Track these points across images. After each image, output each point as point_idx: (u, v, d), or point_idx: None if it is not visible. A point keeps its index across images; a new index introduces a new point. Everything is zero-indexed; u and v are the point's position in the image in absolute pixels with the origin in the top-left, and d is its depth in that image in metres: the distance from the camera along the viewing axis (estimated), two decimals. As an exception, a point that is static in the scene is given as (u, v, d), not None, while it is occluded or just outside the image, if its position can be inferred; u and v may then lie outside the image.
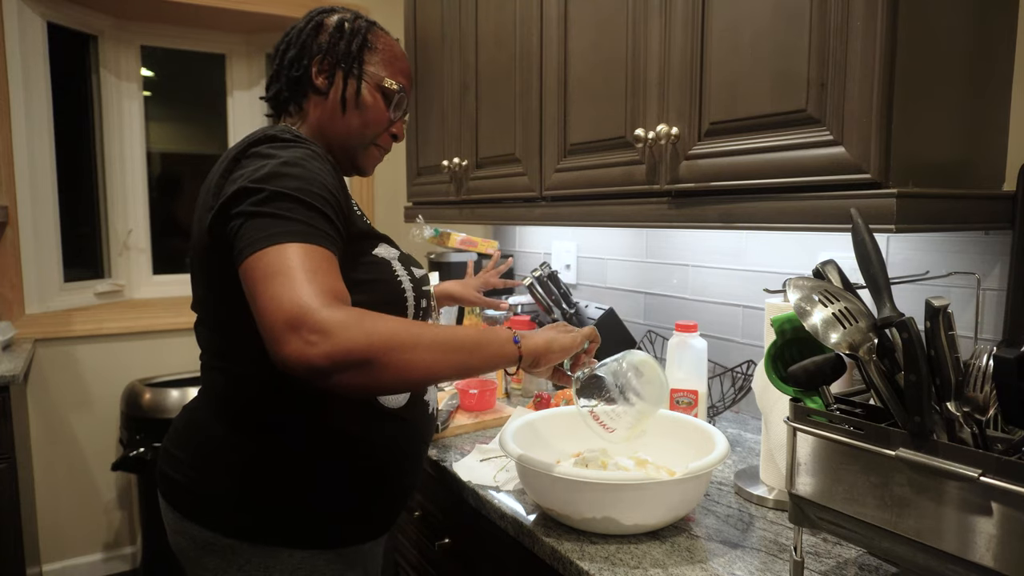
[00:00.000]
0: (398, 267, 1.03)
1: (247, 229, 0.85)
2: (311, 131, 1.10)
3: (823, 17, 0.98)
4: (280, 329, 0.77)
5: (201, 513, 1.00)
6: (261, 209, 0.85)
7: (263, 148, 0.93)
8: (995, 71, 1.10)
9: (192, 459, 1.02)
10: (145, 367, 2.72)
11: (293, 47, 1.09)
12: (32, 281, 2.59)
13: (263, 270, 0.81)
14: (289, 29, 1.12)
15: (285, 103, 1.12)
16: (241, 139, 1.00)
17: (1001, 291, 1.14)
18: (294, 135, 0.97)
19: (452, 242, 2.13)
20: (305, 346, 0.76)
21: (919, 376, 0.70)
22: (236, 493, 0.98)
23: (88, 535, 2.73)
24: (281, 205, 0.85)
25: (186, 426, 1.07)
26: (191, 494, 1.01)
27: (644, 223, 1.33)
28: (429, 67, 2.10)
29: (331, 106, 1.09)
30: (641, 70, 1.29)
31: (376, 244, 1.02)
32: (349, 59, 1.08)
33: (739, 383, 1.48)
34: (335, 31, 1.09)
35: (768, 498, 1.13)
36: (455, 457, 1.35)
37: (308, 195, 0.87)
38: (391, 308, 0.97)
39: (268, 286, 0.79)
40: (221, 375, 1.02)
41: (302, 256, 0.82)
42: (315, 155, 0.94)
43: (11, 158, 2.49)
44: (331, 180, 0.93)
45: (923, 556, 0.72)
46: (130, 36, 2.93)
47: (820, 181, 1.00)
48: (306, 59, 1.08)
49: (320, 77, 1.09)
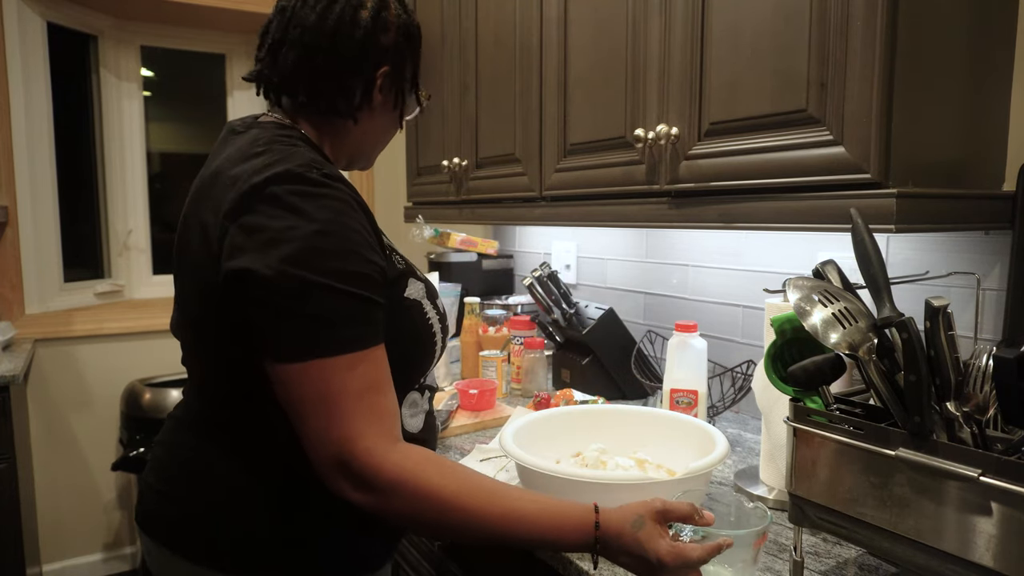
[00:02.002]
0: (428, 307, 0.92)
1: (282, 327, 0.75)
2: (344, 144, 0.97)
3: (823, 17, 0.98)
4: (328, 467, 0.75)
5: (191, 550, 0.88)
6: (298, 308, 0.74)
7: (287, 195, 0.76)
8: (995, 71, 1.10)
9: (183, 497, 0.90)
10: (145, 367, 2.72)
11: (354, 44, 0.89)
12: (32, 281, 2.59)
13: (306, 391, 0.74)
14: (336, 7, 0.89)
15: (328, 115, 0.93)
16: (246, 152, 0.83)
17: (1001, 291, 1.14)
18: (322, 174, 0.79)
19: (452, 242, 2.13)
20: (352, 492, 0.74)
21: (919, 376, 0.70)
22: (231, 529, 0.87)
23: (88, 535, 2.73)
24: (322, 302, 0.74)
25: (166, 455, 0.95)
26: (180, 531, 0.89)
27: (644, 223, 1.33)
28: (429, 67, 2.10)
29: (378, 120, 0.97)
30: (641, 70, 1.29)
31: (407, 284, 0.90)
32: (415, 79, 0.97)
33: (739, 383, 1.48)
34: (400, 37, 0.93)
35: (768, 498, 1.13)
36: (455, 457, 1.35)
37: (351, 280, 0.76)
38: (420, 349, 0.92)
39: (313, 414, 0.74)
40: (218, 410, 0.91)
41: (349, 374, 0.74)
42: (347, 203, 0.79)
43: (11, 158, 2.49)
44: (368, 236, 0.80)
45: (923, 556, 0.72)
46: (130, 36, 2.93)
47: (820, 181, 1.00)
48: (370, 70, 0.91)
49: (381, 94, 0.94)
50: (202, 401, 0.94)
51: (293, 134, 0.89)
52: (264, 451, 0.88)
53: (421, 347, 0.92)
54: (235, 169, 0.81)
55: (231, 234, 0.77)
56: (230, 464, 0.88)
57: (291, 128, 0.90)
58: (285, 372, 0.75)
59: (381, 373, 0.78)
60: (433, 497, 0.74)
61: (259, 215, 0.76)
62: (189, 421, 0.95)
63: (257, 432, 0.88)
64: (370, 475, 0.73)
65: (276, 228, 0.75)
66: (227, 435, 0.89)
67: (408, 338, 0.89)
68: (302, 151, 0.83)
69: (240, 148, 0.85)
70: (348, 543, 0.92)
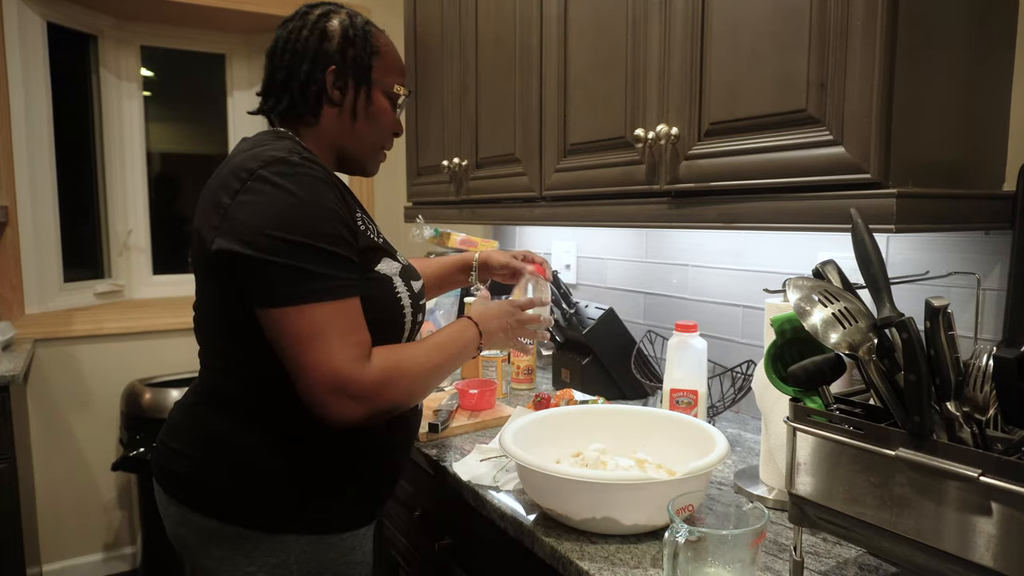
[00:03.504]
0: (399, 284, 1.05)
1: (272, 279, 0.90)
2: (322, 140, 1.10)
3: (823, 17, 0.98)
4: (323, 394, 0.90)
5: (206, 503, 1.02)
6: (286, 262, 0.90)
7: (271, 174, 0.93)
8: (995, 71, 1.10)
9: (196, 452, 1.04)
10: (145, 367, 2.72)
11: (304, 59, 1.07)
12: (32, 281, 2.59)
13: (297, 332, 0.90)
14: (286, 36, 1.09)
15: (300, 115, 1.10)
16: (244, 148, 1.00)
17: (1001, 291, 1.14)
18: (303, 157, 0.96)
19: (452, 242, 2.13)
20: (347, 410, 0.91)
21: (919, 376, 0.70)
22: (243, 483, 1.01)
23: (88, 535, 2.73)
24: (306, 256, 0.91)
25: (186, 420, 1.08)
26: (195, 485, 1.03)
27: (644, 223, 1.33)
28: (429, 67, 2.10)
29: (345, 116, 1.10)
30: (641, 70, 1.29)
31: (379, 259, 1.04)
32: (362, 70, 1.09)
33: (739, 383, 1.48)
34: (342, 40, 1.08)
35: (768, 498, 1.13)
36: (455, 457, 1.35)
37: (329, 241, 0.92)
38: (389, 325, 1.04)
39: (306, 351, 0.90)
40: (224, 376, 1.05)
41: (334, 316, 0.91)
42: (323, 181, 0.96)
43: (11, 158, 2.49)
44: (340, 207, 0.96)
45: (923, 556, 0.72)
46: (130, 36, 2.93)
47: (820, 181, 1.00)
48: (319, 71, 1.07)
49: (335, 89, 1.08)
50: (219, 374, 1.06)
51: (283, 135, 1.07)
52: (274, 420, 1.01)
53: (388, 317, 1.04)
54: (237, 159, 0.98)
55: (231, 209, 0.93)
56: (249, 431, 1.01)
57: (282, 133, 1.09)
58: (277, 315, 0.91)
59: (360, 316, 0.96)
60: (406, 378, 0.98)
61: (251, 192, 0.93)
62: (207, 393, 1.07)
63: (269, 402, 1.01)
64: (361, 388, 0.92)
65: (264, 200, 0.92)
66: (241, 405, 1.03)
67: (374, 306, 1.00)
68: (287, 143, 1.01)
69: (242, 149, 1.02)
70: (350, 501, 1.06)
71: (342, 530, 1.06)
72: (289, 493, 1.01)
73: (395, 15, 2.85)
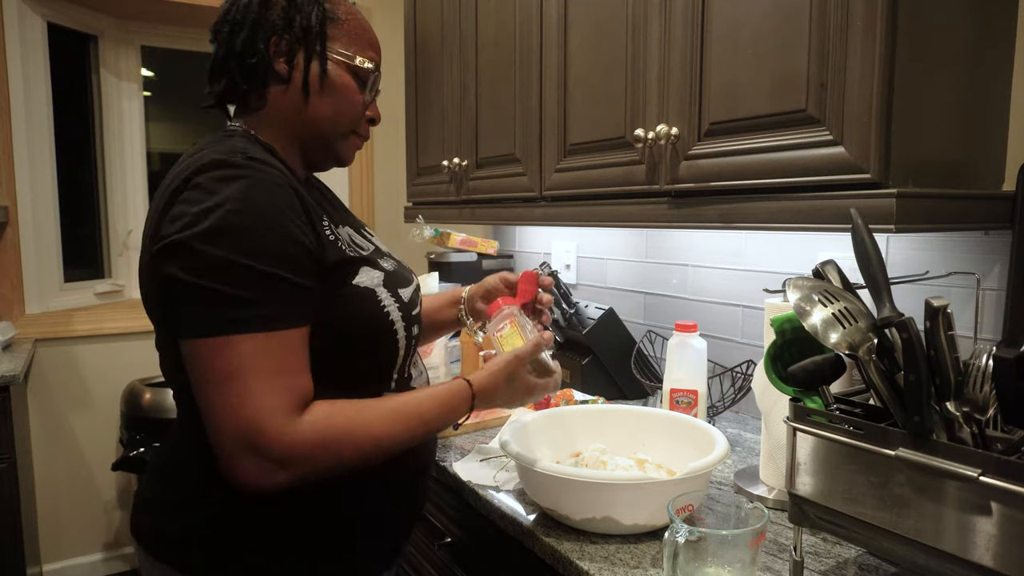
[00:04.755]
0: (383, 295, 0.91)
1: (190, 304, 0.76)
2: (275, 125, 0.94)
3: (823, 17, 0.98)
4: (233, 448, 0.74)
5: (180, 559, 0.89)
6: (205, 283, 0.75)
7: (207, 180, 0.79)
8: (995, 71, 1.10)
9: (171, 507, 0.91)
10: (145, 367, 2.72)
11: (241, 28, 0.91)
12: (32, 281, 2.59)
13: (211, 369, 0.75)
14: (229, 5, 0.93)
15: (243, 96, 0.94)
16: (187, 156, 0.88)
17: (1001, 291, 1.14)
18: (246, 157, 0.82)
19: (452, 242, 2.13)
20: (261, 475, 0.75)
21: (919, 376, 0.70)
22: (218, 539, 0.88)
23: (88, 535, 2.73)
24: (230, 278, 0.75)
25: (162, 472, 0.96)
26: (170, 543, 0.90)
27: (644, 223, 1.33)
28: (429, 67, 2.10)
29: (296, 94, 0.93)
30: (641, 70, 1.29)
31: (355, 271, 0.89)
32: (311, 35, 0.91)
33: (739, 383, 1.48)
34: (287, 3, 0.91)
35: (768, 498, 1.13)
36: (455, 457, 1.35)
37: (264, 258, 0.76)
38: (381, 344, 0.92)
39: (219, 393, 0.74)
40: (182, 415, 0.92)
41: (256, 353, 0.75)
42: (272, 183, 0.81)
43: (11, 158, 2.49)
44: (293, 216, 0.81)
45: (923, 556, 0.72)
46: (130, 36, 2.93)
47: (820, 181, 1.00)
48: (260, 41, 0.91)
49: (279, 60, 0.92)
50: (181, 411, 0.93)
51: (233, 133, 0.93)
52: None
53: (377, 337, 0.91)
54: (175, 171, 0.86)
55: (161, 225, 0.80)
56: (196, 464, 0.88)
57: (232, 129, 0.94)
58: (193, 347, 0.76)
59: (295, 355, 0.79)
60: (344, 443, 0.79)
61: (183, 203, 0.79)
62: (179, 434, 0.95)
63: None
64: (280, 450, 0.75)
65: (194, 212, 0.77)
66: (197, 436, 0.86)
67: (357, 325, 0.89)
68: (233, 142, 0.87)
69: (185, 155, 0.89)
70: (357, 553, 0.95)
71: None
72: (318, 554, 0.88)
73: (395, 15, 2.85)
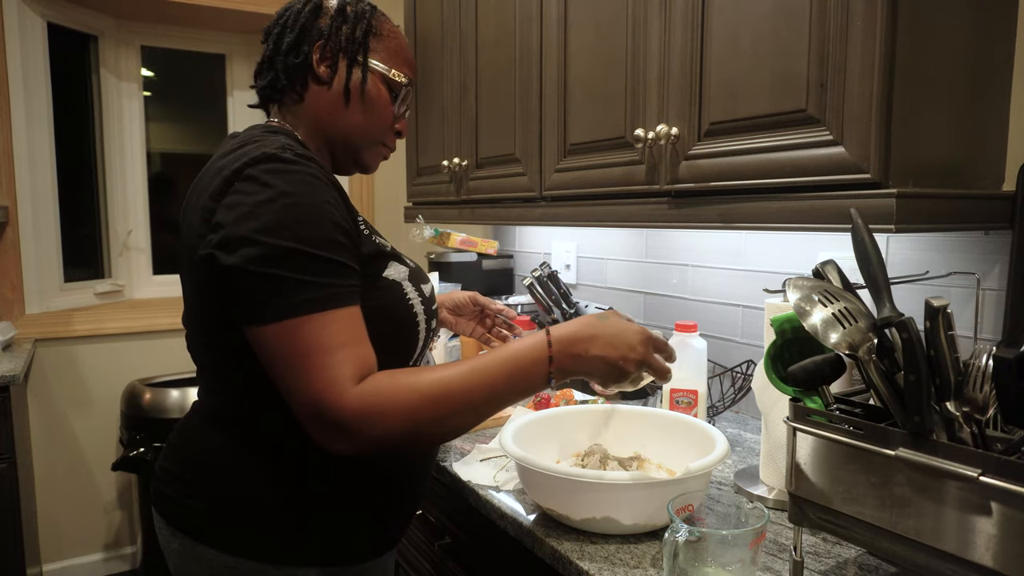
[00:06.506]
0: (409, 289, 0.96)
1: (258, 291, 0.80)
2: (310, 125, 1.02)
3: (823, 17, 0.98)
4: (306, 419, 0.80)
5: (219, 538, 0.93)
6: (273, 271, 0.80)
7: (261, 172, 0.83)
8: (995, 71, 1.10)
9: (204, 484, 0.95)
10: (145, 367, 2.72)
11: (291, 31, 1.00)
12: (32, 281, 2.59)
13: (282, 349, 0.80)
14: (283, 11, 1.03)
15: (281, 92, 1.02)
16: (234, 146, 0.92)
17: (1001, 291, 1.14)
18: (297, 154, 0.86)
19: (452, 242, 2.13)
20: (328, 441, 0.80)
21: (919, 376, 0.70)
22: (260, 516, 0.93)
23: (88, 535, 2.73)
24: (295, 264, 0.80)
25: (190, 448, 0.99)
26: (208, 519, 0.94)
27: (644, 223, 1.33)
28: (429, 67, 2.10)
29: (334, 97, 1.01)
30: (641, 70, 1.29)
31: (386, 264, 0.95)
32: (354, 46, 1.00)
33: (739, 383, 1.48)
34: (337, 14, 1.01)
35: (768, 498, 1.13)
36: (455, 457, 1.35)
37: (322, 245, 0.82)
38: (403, 333, 0.96)
39: (289, 370, 0.80)
40: (220, 397, 0.98)
41: (322, 330, 0.80)
42: (317, 178, 0.86)
43: (11, 158, 2.49)
44: (338, 209, 0.86)
45: (923, 556, 0.72)
46: (130, 36, 2.93)
47: (820, 181, 1.00)
48: (306, 44, 1.00)
49: (323, 65, 1.00)
50: (216, 396, 0.98)
51: (276, 129, 0.99)
52: (281, 445, 0.92)
53: (401, 327, 0.96)
54: (223, 160, 0.90)
55: (217, 214, 0.84)
56: (249, 458, 0.93)
57: (275, 126, 1.01)
58: (263, 334, 0.81)
59: (356, 329, 0.83)
60: (400, 413, 0.79)
61: (238, 194, 0.83)
62: (207, 414, 0.99)
63: (272, 425, 0.92)
64: (339, 418, 0.77)
65: (251, 202, 0.82)
66: (242, 429, 0.94)
67: (385, 317, 0.92)
68: (279, 138, 0.92)
69: (230, 145, 0.94)
70: (358, 532, 0.98)
71: (364, 559, 0.99)
72: (291, 523, 0.93)
73: (395, 15, 2.84)
